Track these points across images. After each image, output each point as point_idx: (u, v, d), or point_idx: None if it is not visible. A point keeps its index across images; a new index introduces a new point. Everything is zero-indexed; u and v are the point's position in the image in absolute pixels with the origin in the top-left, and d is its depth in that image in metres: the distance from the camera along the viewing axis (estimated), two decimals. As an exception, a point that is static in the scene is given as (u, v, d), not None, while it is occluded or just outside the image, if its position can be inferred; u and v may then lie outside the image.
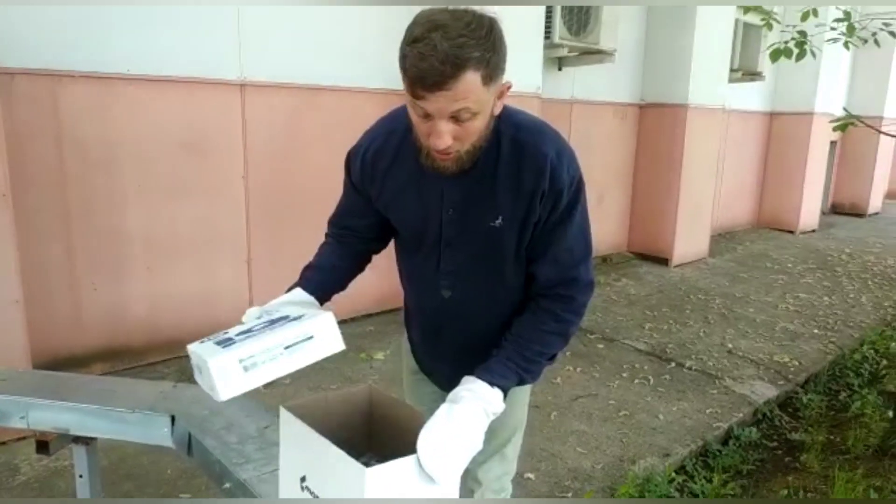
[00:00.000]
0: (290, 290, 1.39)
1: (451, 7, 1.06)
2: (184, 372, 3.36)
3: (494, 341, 1.33)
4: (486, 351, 1.33)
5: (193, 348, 1.21)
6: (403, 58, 1.05)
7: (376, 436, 1.32)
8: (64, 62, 2.95)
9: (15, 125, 2.83)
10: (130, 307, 3.33)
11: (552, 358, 1.35)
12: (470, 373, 1.25)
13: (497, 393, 1.19)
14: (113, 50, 3.07)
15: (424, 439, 1.03)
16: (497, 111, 1.17)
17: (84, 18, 2.95)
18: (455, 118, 1.08)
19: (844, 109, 2.70)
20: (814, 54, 2.82)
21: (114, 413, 1.67)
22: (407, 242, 1.42)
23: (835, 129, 2.65)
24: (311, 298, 1.36)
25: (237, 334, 1.23)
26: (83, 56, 2.99)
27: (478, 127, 1.12)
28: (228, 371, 1.16)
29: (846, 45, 2.89)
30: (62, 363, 3.13)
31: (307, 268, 1.45)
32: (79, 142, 3.05)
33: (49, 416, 1.71)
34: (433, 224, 1.31)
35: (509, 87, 1.16)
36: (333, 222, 1.50)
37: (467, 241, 1.31)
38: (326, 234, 1.52)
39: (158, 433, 1.65)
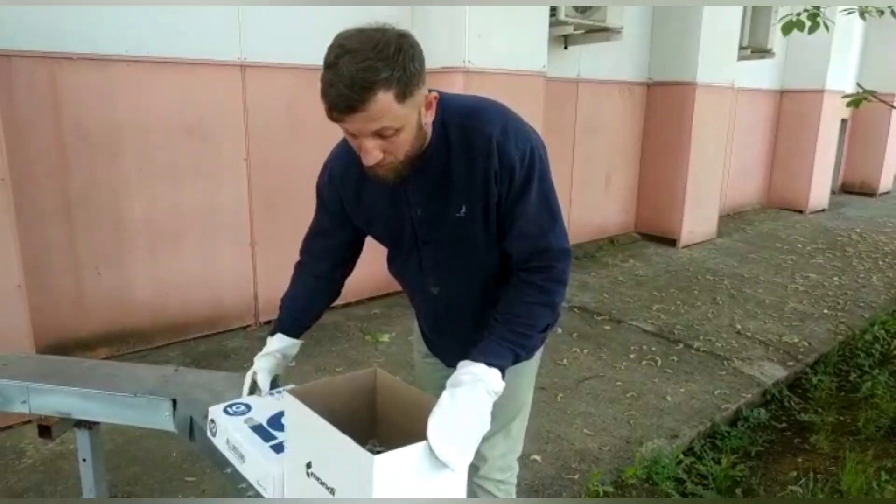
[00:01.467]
0: (272, 331, 1.56)
1: (363, 27, 1.09)
2: (188, 354, 3.36)
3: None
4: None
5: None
6: (321, 82, 1.09)
7: (382, 419, 1.30)
8: (62, 44, 2.91)
9: (14, 108, 2.80)
10: (134, 291, 3.31)
11: (545, 330, 1.33)
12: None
13: (495, 372, 1.19)
14: (112, 31, 3.02)
15: (434, 426, 1.03)
16: (428, 119, 1.19)
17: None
18: (379, 135, 1.10)
19: (858, 85, 2.63)
20: (827, 27, 2.74)
21: (115, 397, 1.66)
22: (392, 249, 1.47)
23: (848, 105, 2.58)
24: (291, 341, 1.55)
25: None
26: (82, 38, 2.95)
27: (405, 139, 1.14)
28: None
29: (862, 14, 2.80)
30: (67, 347, 3.13)
31: (283, 306, 1.59)
32: (79, 125, 3.01)
33: (50, 400, 1.70)
34: (407, 227, 1.36)
35: (436, 97, 1.19)
36: (304, 247, 1.60)
37: (440, 236, 1.34)
38: (301, 254, 1.61)
39: (160, 417, 1.64)
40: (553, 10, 4.46)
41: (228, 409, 1.39)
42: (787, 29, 2.65)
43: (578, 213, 5.56)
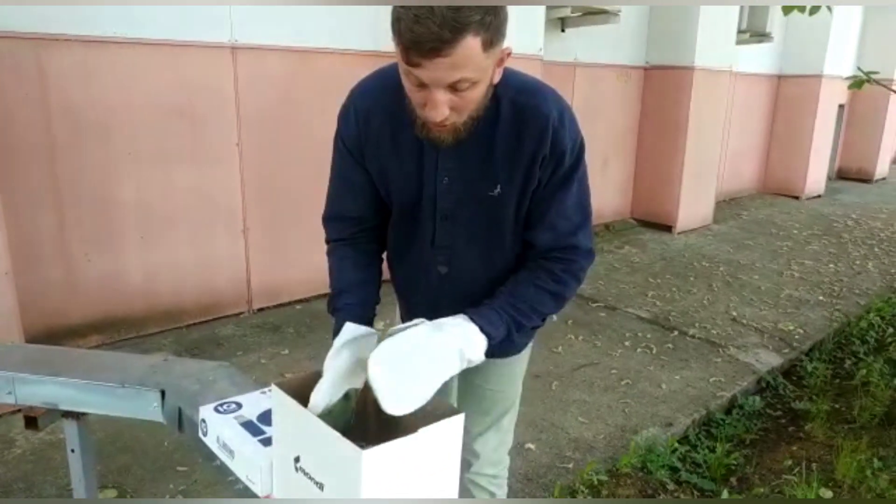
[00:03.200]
0: (337, 327, 1.20)
1: None
2: (181, 342, 3.33)
3: None
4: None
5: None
6: (397, 20, 0.95)
7: (373, 411, 1.27)
8: (50, 25, 2.84)
9: (0, 90, 2.74)
10: (125, 277, 3.27)
11: (543, 319, 1.28)
12: None
13: (483, 340, 1.09)
14: (100, 12, 2.95)
15: (383, 350, 0.95)
16: (496, 79, 1.09)
17: (67, -22, 2.83)
18: (452, 87, 1.00)
19: (858, 69, 2.60)
20: (829, 8, 2.69)
21: (103, 388, 1.63)
22: (399, 216, 1.31)
23: (850, 87, 2.55)
24: (367, 329, 1.14)
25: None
26: (70, 19, 2.88)
27: (477, 96, 1.05)
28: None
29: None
30: (57, 335, 3.09)
31: (337, 295, 1.29)
32: (66, 108, 2.96)
33: (37, 390, 1.67)
34: (427, 194, 1.23)
35: (509, 54, 1.08)
36: (329, 217, 1.35)
37: (464, 212, 1.23)
38: (327, 241, 1.37)
39: (148, 408, 1.62)
40: (550, -7, 4.40)
41: (219, 408, 1.37)
42: (788, 10, 2.61)
43: None
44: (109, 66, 3.03)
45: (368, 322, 1.26)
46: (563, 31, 5.13)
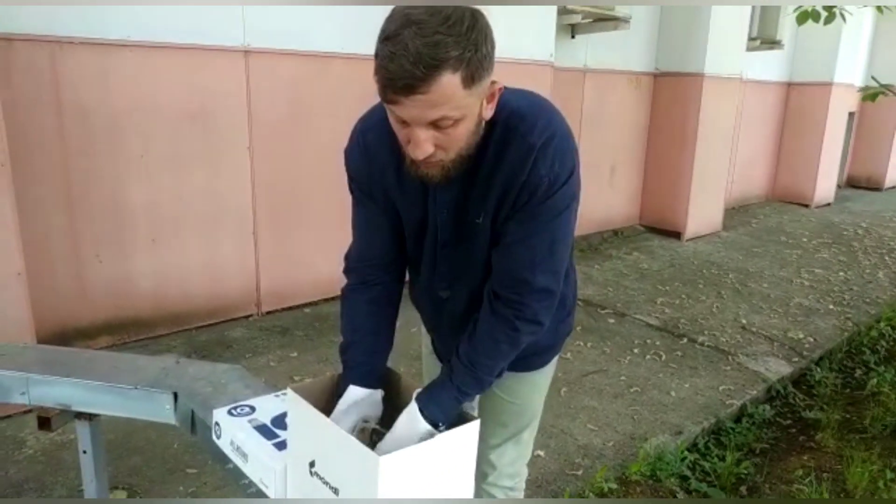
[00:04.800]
0: (344, 385, 1.23)
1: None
2: (191, 344, 3.34)
3: None
4: None
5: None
6: (375, 56, 0.95)
7: (386, 413, 1.28)
8: (64, 28, 2.86)
9: (14, 92, 2.76)
10: (136, 279, 3.29)
11: (499, 374, 1.26)
12: None
13: (424, 427, 1.12)
14: (114, 16, 2.97)
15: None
16: (488, 114, 1.05)
17: (82, -18, 2.86)
18: (434, 125, 0.97)
19: (873, 79, 2.58)
20: (844, 17, 2.67)
21: (116, 389, 1.64)
22: (411, 243, 1.31)
23: (864, 99, 2.54)
24: (370, 393, 1.23)
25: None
26: (83, 22, 2.90)
27: (462, 134, 1.01)
28: None
29: (879, 8, 2.73)
30: (68, 336, 3.11)
31: (347, 346, 1.28)
32: (80, 110, 2.98)
33: (50, 391, 1.68)
34: (431, 227, 1.23)
35: (501, 89, 1.05)
36: (355, 264, 1.33)
37: (458, 240, 1.22)
38: (347, 273, 1.35)
39: (161, 410, 1.62)
40: (561, -1, 4.41)
41: (233, 411, 1.37)
42: (802, 19, 2.59)
43: (582, 205, 5.38)
44: (123, 70, 3.05)
45: (376, 375, 1.25)
46: (573, 37, 5.13)
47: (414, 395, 1.16)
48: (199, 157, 3.37)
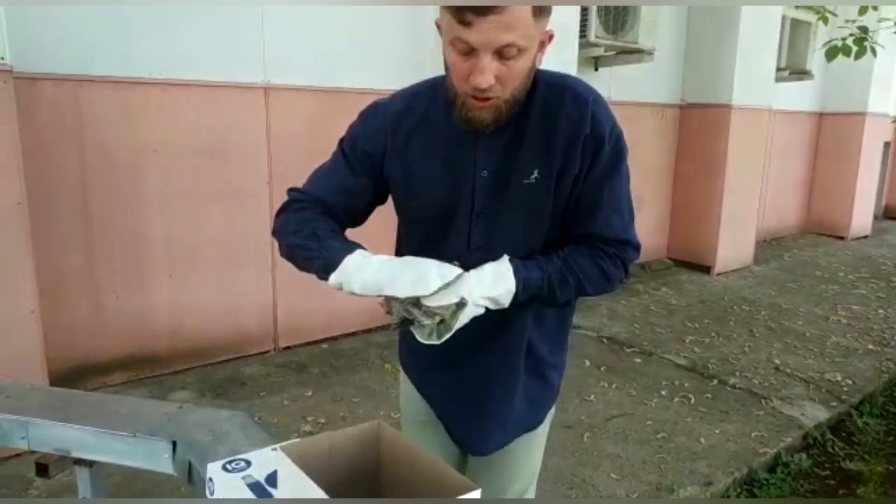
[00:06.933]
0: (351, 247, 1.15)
1: None
2: (205, 381, 3.30)
3: (521, 355, 1.26)
4: (513, 370, 1.26)
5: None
6: None
7: (386, 478, 1.19)
8: (86, 67, 2.90)
9: (37, 130, 2.80)
10: (153, 315, 3.27)
11: (577, 294, 1.19)
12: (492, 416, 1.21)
13: (509, 285, 1.08)
14: (136, 54, 3.01)
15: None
16: (539, 62, 1.09)
17: (107, 23, 2.90)
18: (500, 55, 0.99)
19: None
20: (874, 51, 2.57)
21: (115, 436, 1.60)
22: (430, 225, 1.21)
23: (899, 132, 2.42)
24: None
25: None
26: (106, 60, 2.94)
27: (521, 69, 1.03)
28: None
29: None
30: (84, 372, 3.09)
31: (329, 234, 1.19)
32: (101, 146, 3.00)
33: (49, 436, 1.65)
34: (465, 192, 1.16)
35: (552, 37, 1.08)
36: (306, 190, 1.29)
37: (501, 205, 1.15)
38: (293, 201, 1.29)
39: (159, 459, 1.58)
40: (583, 31, 4.38)
41: (228, 466, 1.31)
42: (832, 54, 2.50)
43: None
44: (144, 106, 3.08)
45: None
46: (596, 69, 5.09)
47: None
48: (218, 193, 3.37)
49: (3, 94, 2.39)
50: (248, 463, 1.34)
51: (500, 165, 1.13)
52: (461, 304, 1.05)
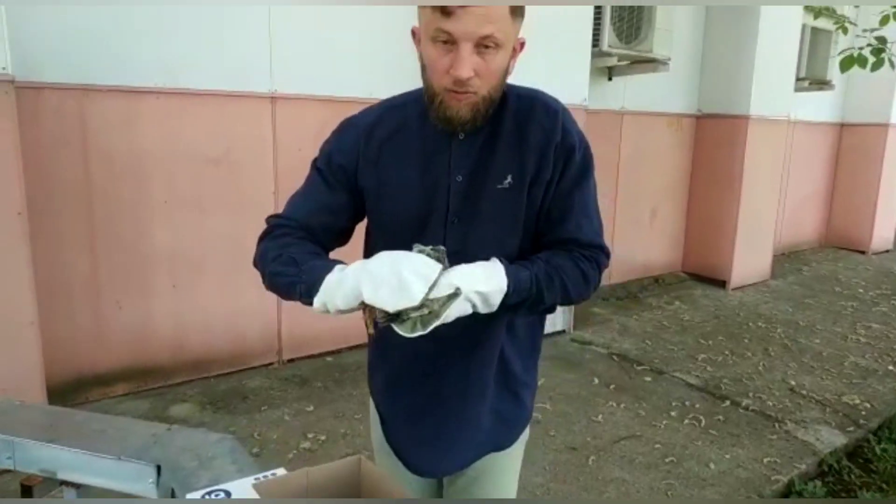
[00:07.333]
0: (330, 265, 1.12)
1: None
2: (208, 393, 3.27)
3: (491, 375, 1.26)
4: (485, 382, 1.26)
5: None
6: None
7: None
8: (91, 76, 2.89)
9: (41, 139, 2.79)
10: (155, 326, 3.25)
11: (560, 299, 1.15)
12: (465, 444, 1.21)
13: (500, 281, 1.05)
14: (141, 63, 3.00)
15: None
16: (512, 68, 1.12)
17: (112, 32, 2.89)
18: (479, 47, 1.02)
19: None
20: (892, 64, 2.47)
21: (99, 460, 1.57)
22: (401, 232, 1.17)
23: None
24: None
25: None
26: (111, 69, 2.93)
27: (499, 66, 1.06)
28: None
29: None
30: (86, 383, 3.08)
31: (309, 257, 1.17)
32: (105, 156, 2.99)
33: (35, 456, 1.63)
34: (440, 197, 1.16)
35: (523, 45, 1.12)
36: (285, 215, 1.26)
37: (475, 209, 1.15)
38: (274, 227, 1.26)
39: (144, 483, 1.55)
40: (595, 41, 4.30)
41: (207, 496, 1.27)
42: (847, 65, 2.41)
43: (621, 250, 5.30)
44: (149, 115, 3.06)
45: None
46: (609, 79, 5.01)
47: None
48: (223, 203, 3.35)
49: (3, 103, 2.38)
50: (228, 494, 1.30)
51: (474, 170, 1.15)
52: (454, 296, 1.01)
